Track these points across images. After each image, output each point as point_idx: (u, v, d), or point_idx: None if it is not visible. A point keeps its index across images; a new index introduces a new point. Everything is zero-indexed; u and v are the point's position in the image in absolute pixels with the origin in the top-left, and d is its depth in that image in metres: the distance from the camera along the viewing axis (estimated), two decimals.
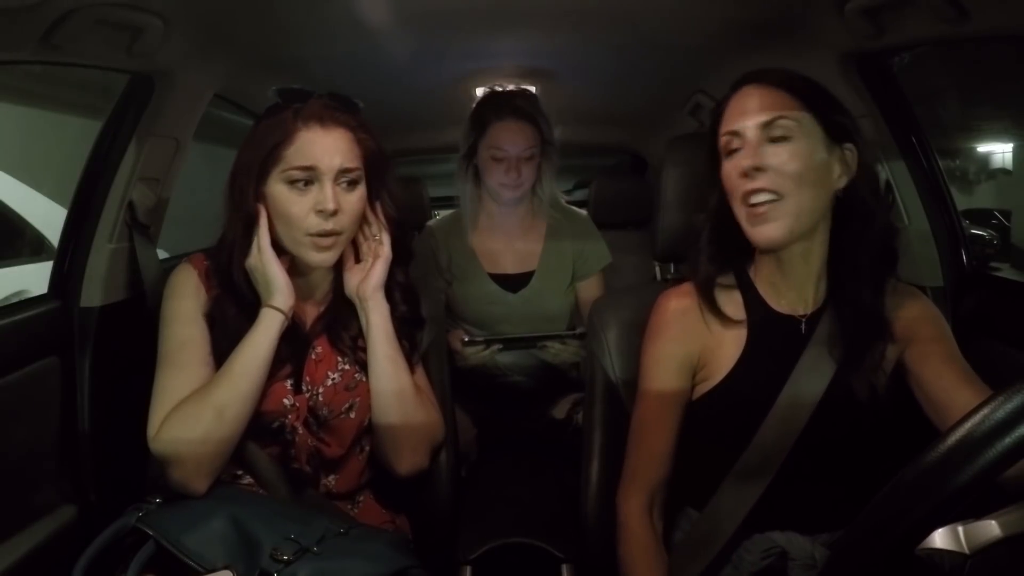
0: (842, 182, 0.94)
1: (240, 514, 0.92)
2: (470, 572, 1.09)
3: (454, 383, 1.35)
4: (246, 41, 1.35)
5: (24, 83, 3.53)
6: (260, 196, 1.02)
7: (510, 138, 1.59)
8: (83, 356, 1.29)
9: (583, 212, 1.82)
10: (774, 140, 0.92)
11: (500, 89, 1.68)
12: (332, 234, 1.01)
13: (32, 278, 2.55)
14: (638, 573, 0.97)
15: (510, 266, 1.70)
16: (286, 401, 1.04)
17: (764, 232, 0.92)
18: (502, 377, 1.66)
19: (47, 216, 2.77)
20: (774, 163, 0.91)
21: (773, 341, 0.98)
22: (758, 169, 0.91)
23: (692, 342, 1.01)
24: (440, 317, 1.32)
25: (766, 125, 0.92)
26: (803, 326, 0.99)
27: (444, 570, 1.10)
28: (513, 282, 1.69)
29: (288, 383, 1.05)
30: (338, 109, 1.04)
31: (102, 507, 1.28)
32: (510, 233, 1.71)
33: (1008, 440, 0.42)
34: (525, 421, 1.65)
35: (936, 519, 0.47)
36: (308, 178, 1.00)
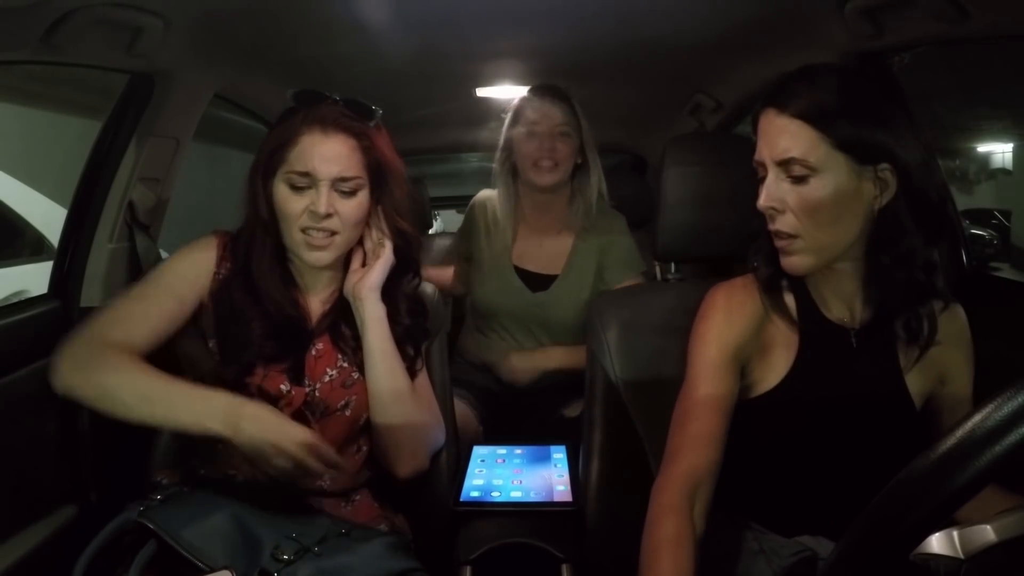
0: (882, 201, 0.89)
1: (242, 512, 0.92)
2: (470, 572, 1.09)
3: (458, 383, 1.35)
4: (246, 41, 1.35)
5: (24, 83, 3.53)
6: (269, 194, 1.05)
7: (541, 112, 1.60)
8: None
9: (618, 215, 1.75)
10: (793, 180, 0.89)
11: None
12: (325, 232, 1.03)
13: (32, 278, 2.55)
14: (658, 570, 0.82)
15: (535, 264, 1.68)
16: (283, 387, 1.05)
17: (788, 264, 0.93)
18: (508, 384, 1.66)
19: (47, 216, 2.78)
20: (792, 203, 0.89)
21: (825, 349, 0.96)
22: (776, 210, 0.90)
23: (748, 335, 0.97)
24: (440, 316, 1.32)
25: (783, 163, 0.89)
26: (854, 339, 0.97)
27: (444, 570, 1.10)
28: (535, 281, 1.67)
29: (284, 375, 1.06)
30: (346, 115, 1.04)
31: (102, 507, 1.28)
32: (543, 231, 1.70)
33: (1005, 444, 0.42)
34: (530, 420, 1.64)
35: (932, 523, 0.47)
36: (306, 183, 1.02)
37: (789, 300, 0.99)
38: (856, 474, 0.92)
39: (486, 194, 1.78)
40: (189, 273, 1.08)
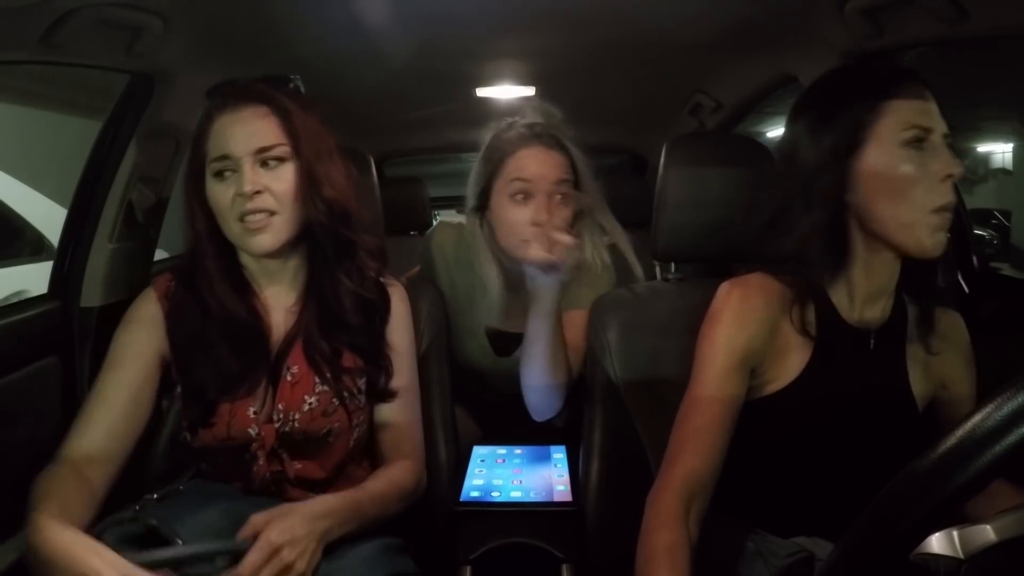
0: None
1: (234, 508, 0.91)
2: (470, 572, 1.09)
3: (457, 383, 1.35)
4: (246, 41, 1.34)
5: (24, 83, 3.53)
6: (203, 198, 0.98)
7: (537, 165, 1.25)
8: (83, 356, 1.29)
9: (607, 268, 1.42)
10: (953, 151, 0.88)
11: (521, 121, 1.35)
12: (262, 213, 0.95)
13: (33, 277, 2.55)
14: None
15: (509, 323, 1.40)
16: (251, 431, 0.98)
17: (939, 242, 0.88)
18: (506, 388, 1.64)
19: (47, 216, 2.78)
20: (959, 175, 0.87)
21: (841, 353, 0.95)
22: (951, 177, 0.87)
23: (761, 339, 0.94)
24: (440, 316, 1.32)
25: (946, 135, 0.88)
26: (872, 341, 0.95)
27: (444, 570, 1.10)
28: (506, 342, 1.45)
29: (251, 411, 0.98)
30: (254, 86, 0.99)
31: (101, 507, 1.27)
32: (520, 288, 1.32)
33: (1005, 443, 0.42)
34: (523, 427, 1.63)
35: (932, 523, 0.47)
36: (229, 167, 0.95)
37: (807, 304, 0.96)
38: (855, 475, 0.92)
39: (446, 232, 1.49)
40: (140, 335, 1.00)
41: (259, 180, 0.94)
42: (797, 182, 0.92)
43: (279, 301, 1.05)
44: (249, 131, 0.95)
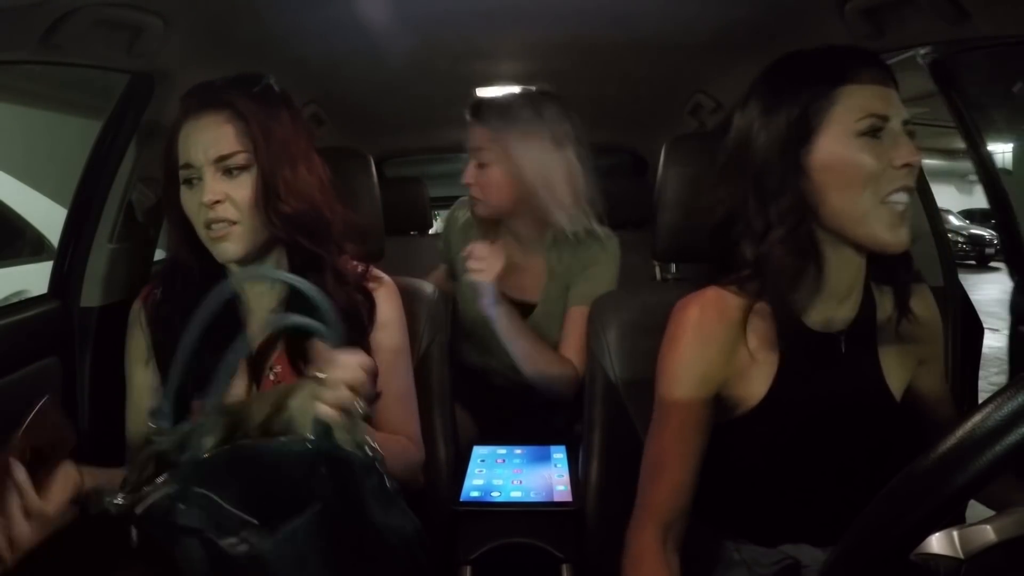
0: None
1: None
2: (470, 572, 1.09)
3: (457, 383, 1.35)
4: (246, 41, 1.34)
5: (24, 83, 3.53)
6: (179, 204, 0.97)
7: (468, 138, 1.49)
8: (83, 356, 1.29)
9: (609, 239, 1.51)
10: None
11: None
12: (224, 222, 0.94)
13: (33, 277, 2.56)
14: None
15: (513, 290, 1.49)
16: None
17: (904, 236, 0.83)
18: (503, 378, 1.65)
19: (47, 216, 2.78)
20: (916, 164, 0.81)
21: (809, 362, 0.89)
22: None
23: (721, 361, 0.88)
24: (440, 316, 1.32)
25: (905, 122, 0.82)
26: (843, 344, 0.90)
27: (444, 570, 1.10)
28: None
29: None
30: (217, 90, 0.97)
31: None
32: (518, 254, 1.51)
33: (1005, 443, 0.42)
34: (526, 423, 1.63)
35: (932, 523, 0.47)
36: (194, 175, 0.94)
37: (765, 311, 0.89)
38: (838, 477, 0.90)
39: (461, 208, 1.65)
40: (140, 349, 1.03)
41: (219, 189, 0.93)
42: (749, 177, 0.86)
43: (260, 303, 1.03)
44: (208, 139, 0.94)
